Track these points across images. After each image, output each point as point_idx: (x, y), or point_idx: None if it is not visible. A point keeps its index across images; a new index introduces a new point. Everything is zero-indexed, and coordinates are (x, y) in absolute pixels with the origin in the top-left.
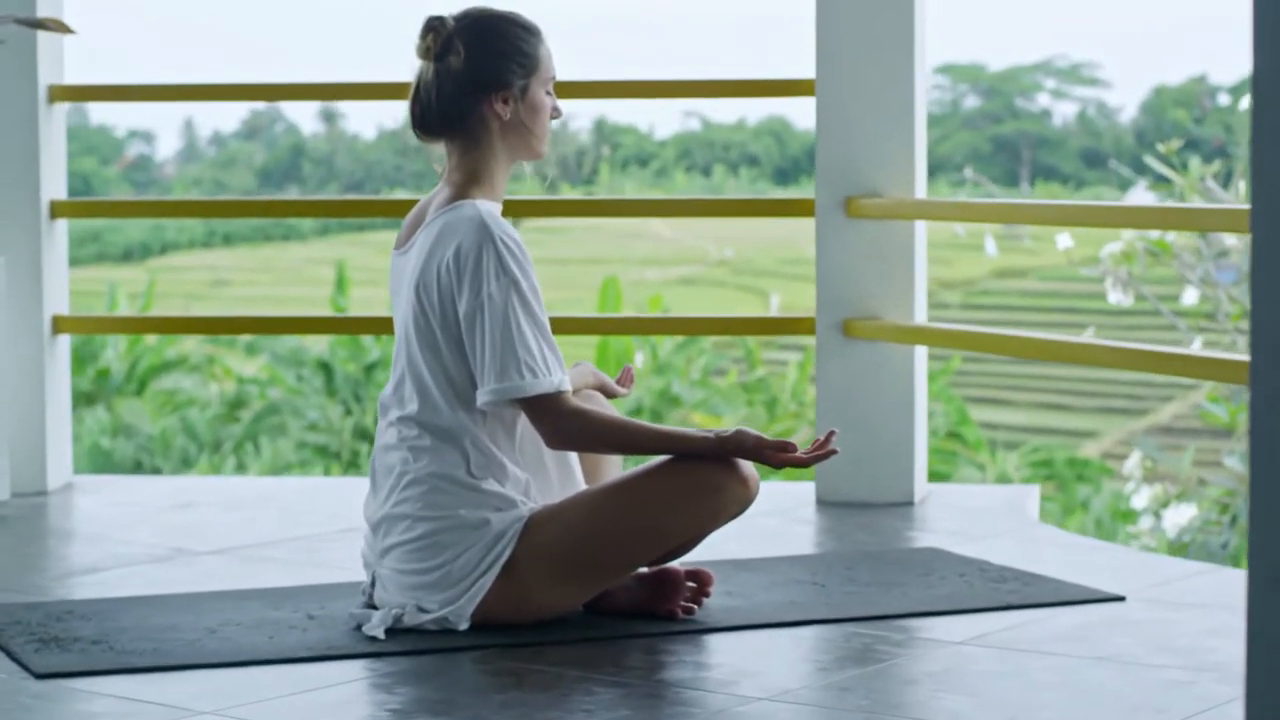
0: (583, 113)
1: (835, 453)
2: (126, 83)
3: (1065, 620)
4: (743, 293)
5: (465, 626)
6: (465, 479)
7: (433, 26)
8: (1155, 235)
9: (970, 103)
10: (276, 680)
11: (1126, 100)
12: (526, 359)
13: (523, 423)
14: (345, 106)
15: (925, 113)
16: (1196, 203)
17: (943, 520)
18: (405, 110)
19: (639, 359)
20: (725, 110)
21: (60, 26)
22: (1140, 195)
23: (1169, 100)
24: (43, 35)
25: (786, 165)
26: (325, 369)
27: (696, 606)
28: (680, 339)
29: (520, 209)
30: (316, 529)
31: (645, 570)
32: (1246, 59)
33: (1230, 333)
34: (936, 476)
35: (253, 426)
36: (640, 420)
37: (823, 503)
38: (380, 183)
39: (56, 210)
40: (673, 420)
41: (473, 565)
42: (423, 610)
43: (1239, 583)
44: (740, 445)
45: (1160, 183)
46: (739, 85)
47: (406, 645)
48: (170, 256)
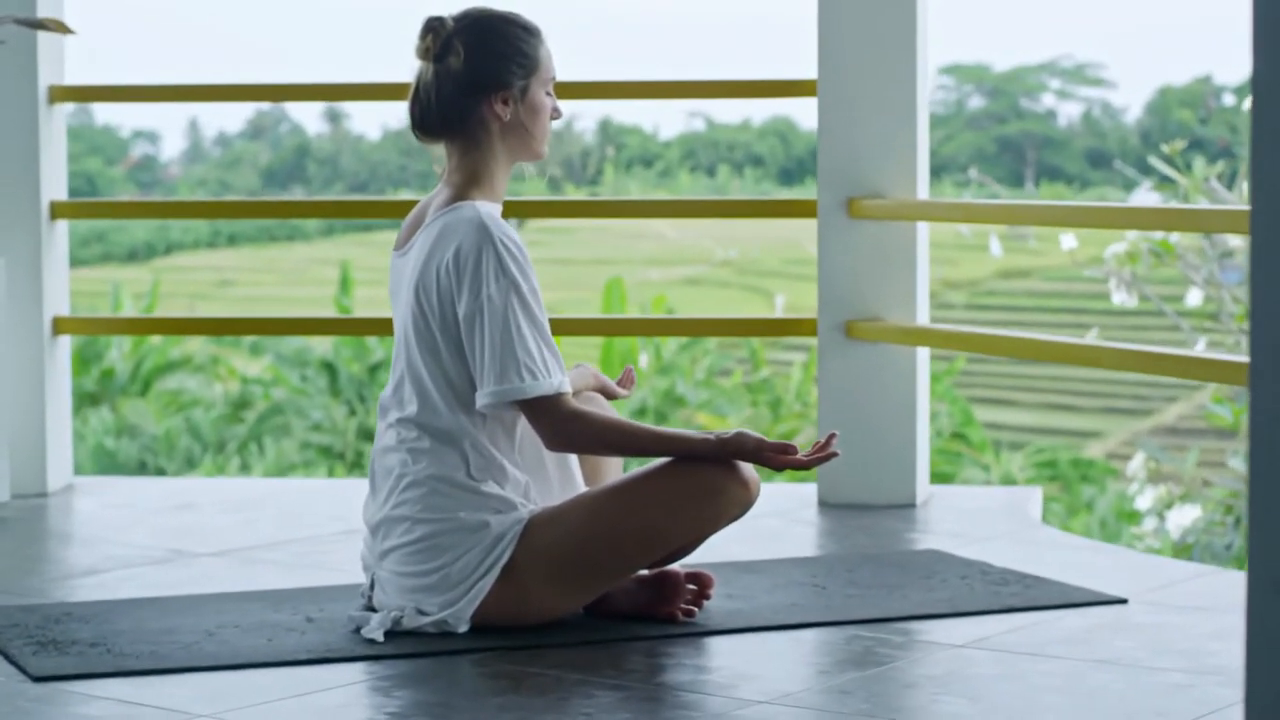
0: (587, 113)
1: (836, 455)
2: (127, 83)
3: (1067, 623)
4: (747, 293)
5: (464, 629)
6: (465, 481)
7: (432, 27)
8: (1159, 236)
9: (975, 103)
10: (275, 683)
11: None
12: (526, 361)
13: (522, 425)
14: (350, 107)
15: (927, 113)
16: (1201, 204)
17: (944, 522)
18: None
19: (643, 359)
20: (730, 111)
21: (60, 27)
22: (1145, 196)
23: (1174, 100)
24: (43, 36)
25: (791, 166)
26: (329, 369)
27: (697, 609)
28: (684, 339)
29: (524, 209)
30: (316, 531)
31: (645, 573)
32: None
33: (1234, 333)
34: (941, 477)
35: (257, 427)
36: (640, 422)
37: (824, 504)
38: (385, 183)
39: (57, 211)
40: (677, 421)
41: (472, 568)
42: (422, 613)
43: (1242, 585)
44: (741, 447)
45: (1165, 183)
46: (741, 86)
47: (405, 648)
48: (175, 257)
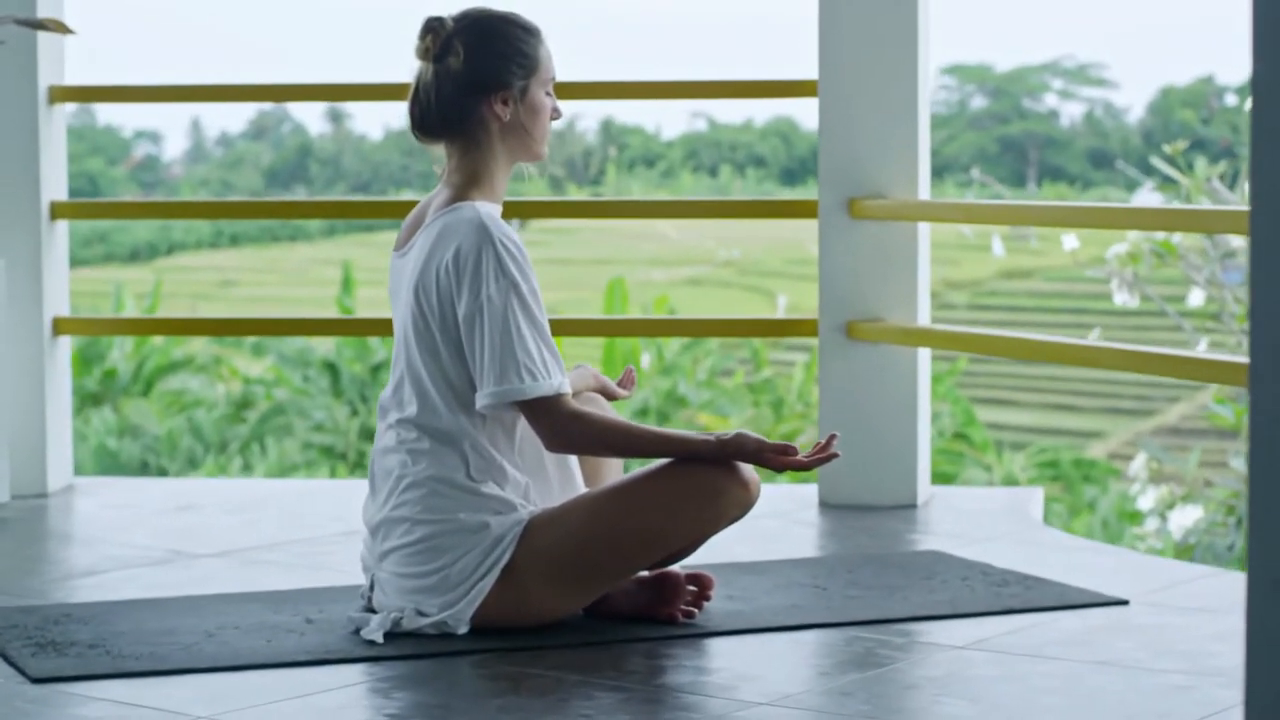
0: (590, 113)
1: (836, 456)
2: (127, 83)
3: (1067, 624)
4: (749, 293)
5: (464, 630)
6: (464, 482)
7: (432, 27)
8: (1161, 236)
9: (977, 103)
10: (274, 684)
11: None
12: (526, 362)
13: (522, 426)
14: (352, 107)
15: (929, 113)
16: (1203, 204)
17: (945, 523)
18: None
19: (645, 360)
20: (732, 111)
21: (60, 27)
22: (1147, 196)
23: (1176, 101)
24: (43, 36)
25: (794, 166)
26: (331, 369)
27: (697, 610)
28: (686, 340)
29: (526, 210)
30: (317, 532)
31: (646, 574)
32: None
33: (1236, 334)
34: (943, 477)
35: (259, 427)
36: (641, 423)
37: (825, 505)
38: (387, 183)
39: (57, 211)
40: (679, 421)
41: (472, 569)
42: (421, 614)
43: (1243, 586)
44: (741, 448)
45: (1167, 184)
46: (742, 86)
47: (405, 649)
48: (177, 257)
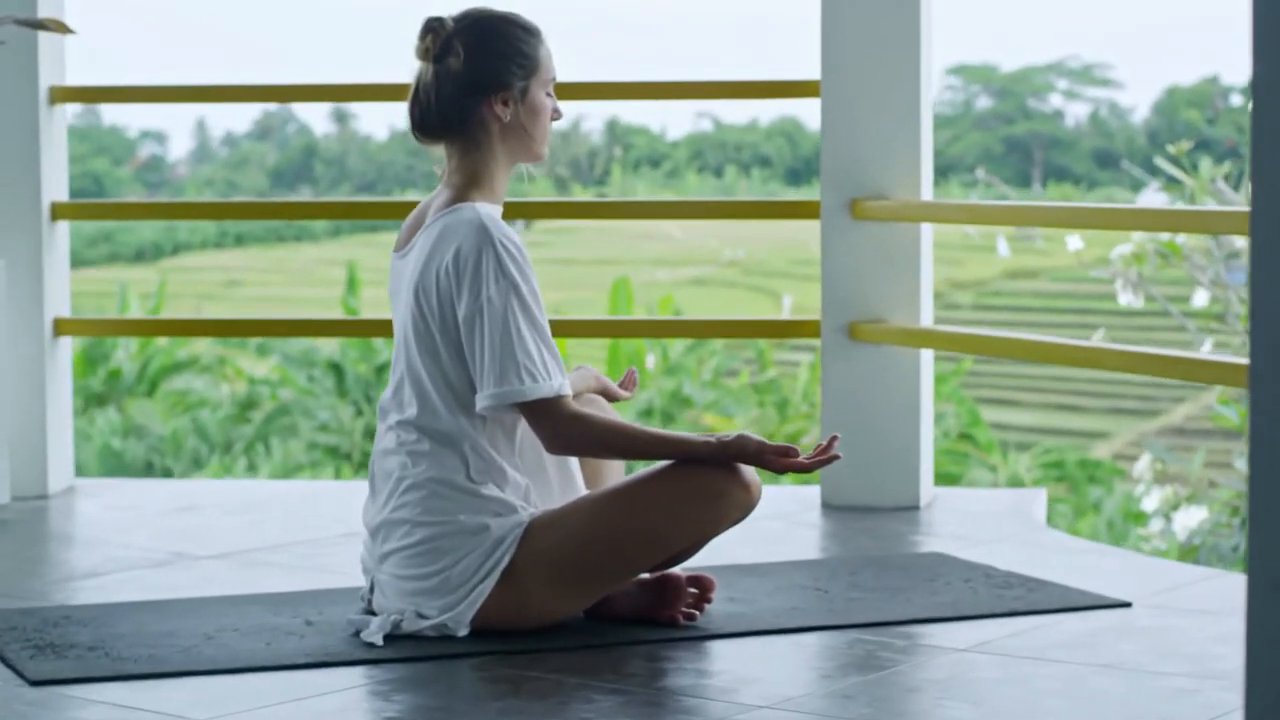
0: (594, 113)
1: (838, 458)
2: (128, 84)
3: (1070, 627)
4: (754, 293)
5: (464, 633)
6: (465, 484)
7: (432, 28)
8: (1165, 237)
9: (982, 103)
10: (273, 687)
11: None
12: (526, 363)
13: (523, 427)
14: (357, 107)
15: (931, 114)
16: (1208, 204)
17: (948, 525)
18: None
19: (650, 360)
20: (737, 111)
21: (60, 27)
22: (1152, 197)
23: (1181, 101)
24: (43, 36)
25: (799, 166)
26: (336, 370)
27: (698, 612)
28: (691, 340)
29: (531, 210)
30: (318, 533)
31: (646, 576)
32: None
33: (1240, 334)
34: (948, 478)
35: (264, 427)
36: (641, 425)
37: (828, 506)
38: (392, 183)
39: (57, 212)
40: (684, 422)
41: (472, 571)
42: (421, 616)
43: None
44: (742, 450)
45: (1172, 184)
46: (744, 86)
47: (405, 652)
48: (182, 257)
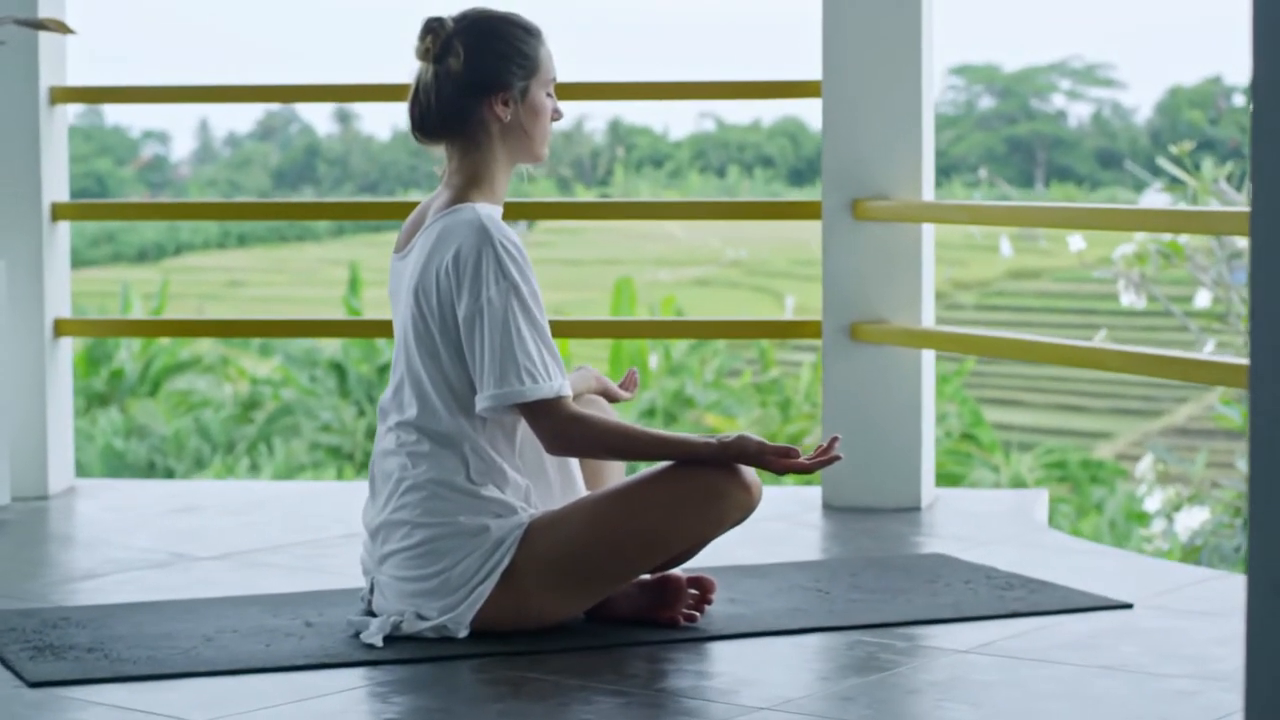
0: (597, 114)
1: (839, 458)
2: (129, 84)
3: (1071, 628)
4: (757, 294)
5: (464, 634)
6: (465, 485)
7: (431, 28)
8: (1168, 237)
9: (985, 103)
10: (273, 688)
11: (1142, 101)
12: (526, 364)
13: (523, 428)
14: (360, 108)
15: (933, 114)
16: (1210, 205)
17: (950, 526)
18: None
19: (653, 360)
20: (740, 111)
21: (61, 27)
22: (1154, 197)
23: (1184, 101)
24: (44, 36)
25: (801, 166)
26: (338, 370)
27: (699, 614)
28: (694, 340)
29: (534, 211)
30: (318, 534)
31: (647, 577)
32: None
33: (1242, 335)
34: (950, 478)
35: (266, 427)
36: (642, 426)
37: (829, 507)
38: (395, 183)
39: (58, 212)
40: (686, 422)
41: (472, 572)
42: (421, 618)
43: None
44: (742, 451)
45: (1175, 184)
46: (745, 86)
47: (404, 653)
48: (185, 257)
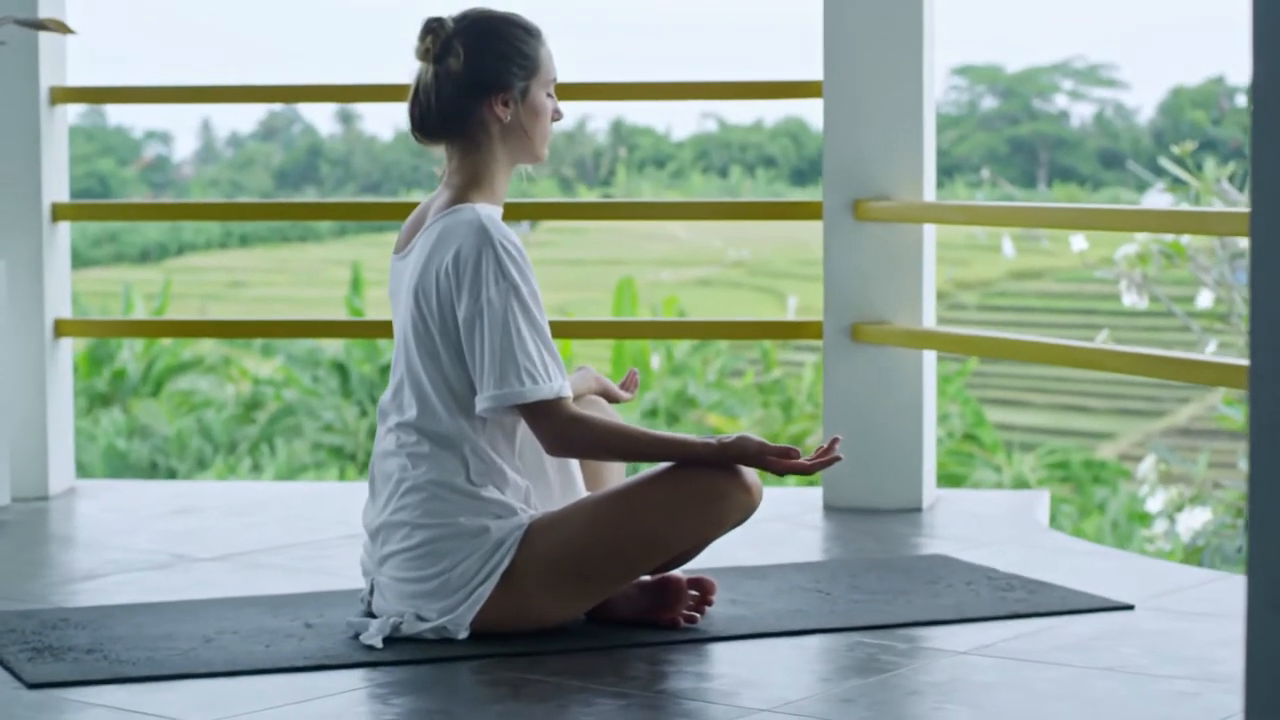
0: (600, 114)
1: (839, 459)
2: (128, 84)
3: (1072, 630)
4: (759, 294)
5: (464, 635)
6: (465, 486)
7: (431, 28)
8: (1170, 238)
9: (988, 104)
10: (272, 690)
11: (1144, 101)
12: (526, 365)
13: (523, 429)
14: (362, 108)
15: (934, 114)
16: (1214, 205)
17: (951, 526)
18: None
19: (655, 360)
20: (742, 112)
21: (61, 27)
22: (1157, 197)
23: (1187, 101)
24: (44, 36)
25: (804, 166)
26: (341, 370)
27: (699, 615)
28: (696, 340)
29: (536, 211)
30: (319, 535)
31: (647, 578)
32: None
33: (1244, 335)
34: (953, 479)
35: (268, 428)
36: (642, 427)
37: (830, 508)
38: (398, 183)
39: (58, 213)
40: (689, 422)
41: (472, 573)
42: (421, 619)
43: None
44: (742, 451)
45: (1177, 185)
46: (746, 87)
47: (404, 654)
48: (188, 257)
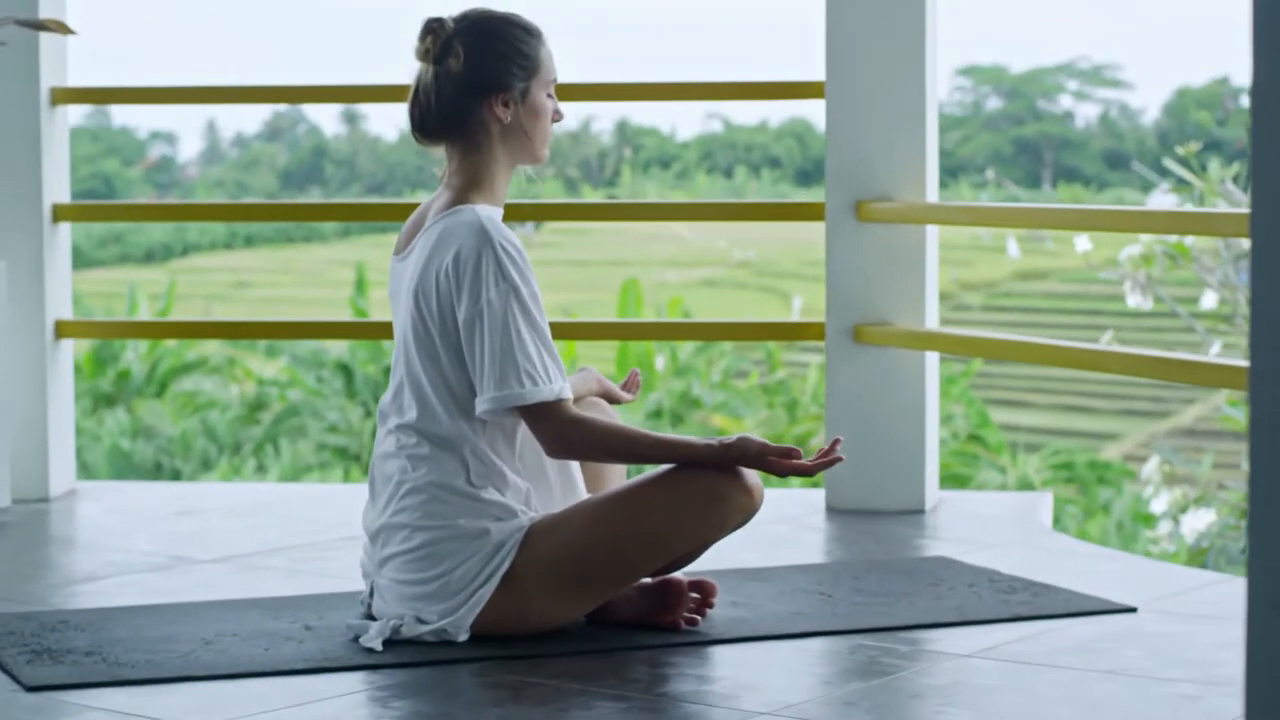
0: (605, 114)
1: (841, 460)
2: (129, 84)
3: (1075, 632)
4: (764, 294)
5: (464, 638)
6: (465, 488)
7: (431, 28)
8: (1174, 239)
9: (992, 104)
10: (272, 692)
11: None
12: (526, 366)
13: (523, 431)
14: (367, 108)
15: (937, 115)
16: (1219, 206)
17: (954, 528)
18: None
19: (659, 361)
20: (747, 112)
21: (61, 28)
22: (1161, 198)
23: (1191, 102)
24: (45, 37)
25: (809, 167)
26: (345, 371)
27: (700, 617)
28: (700, 341)
29: (541, 212)
30: (319, 537)
31: (648, 580)
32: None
33: (1248, 336)
34: (957, 479)
35: (273, 428)
36: (643, 428)
37: (832, 510)
38: (402, 184)
39: (59, 214)
40: (693, 422)
41: (472, 576)
42: (421, 621)
43: None
44: (744, 453)
45: (1182, 185)
46: (748, 87)
47: (404, 657)
48: (192, 258)
